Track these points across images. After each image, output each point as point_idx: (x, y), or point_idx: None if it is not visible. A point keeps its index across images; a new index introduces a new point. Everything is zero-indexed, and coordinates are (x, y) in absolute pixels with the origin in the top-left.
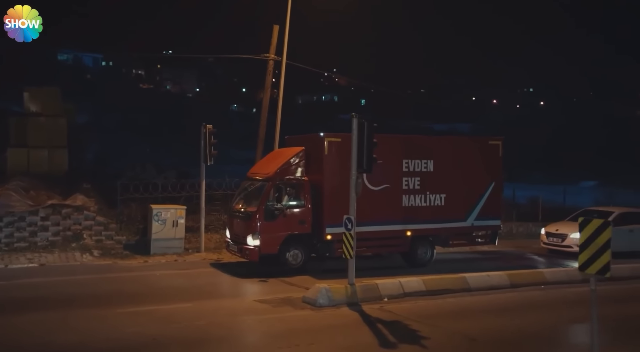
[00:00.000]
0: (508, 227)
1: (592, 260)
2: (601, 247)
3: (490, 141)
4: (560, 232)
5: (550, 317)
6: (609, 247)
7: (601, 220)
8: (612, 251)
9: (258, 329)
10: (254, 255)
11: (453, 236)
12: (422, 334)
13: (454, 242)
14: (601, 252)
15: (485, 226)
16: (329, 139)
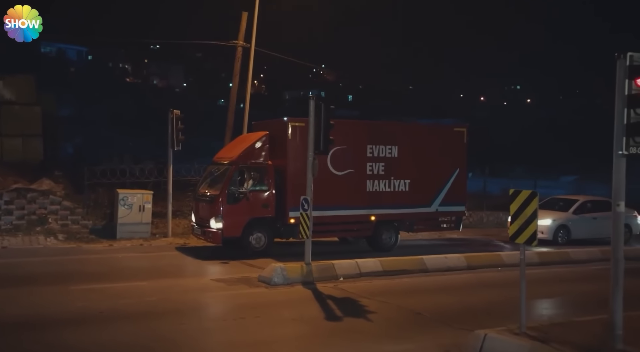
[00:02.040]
0: (479, 216)
1: (521, 230)
2: (529, 217)
3: (455, 128)
4: None
5: (499, 295)
6: (536, 217)
7: (529, 191)
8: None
9: (208, 304)
10: (216, 238)
11: (418, 221)
12: (369, 309)
13: (418, 227)
14: (529, 222)
15: (449, 211)
16: (293, 123)
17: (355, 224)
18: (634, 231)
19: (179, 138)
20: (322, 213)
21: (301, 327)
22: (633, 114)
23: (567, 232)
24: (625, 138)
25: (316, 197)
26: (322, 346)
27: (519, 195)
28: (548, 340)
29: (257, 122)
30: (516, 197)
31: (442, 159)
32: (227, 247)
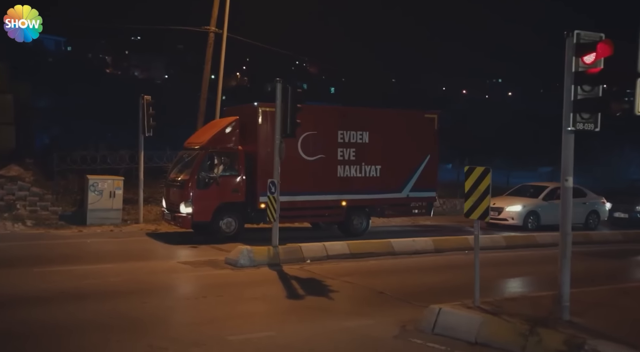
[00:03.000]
0: (452, 203)
1: (475, 206)
2: (482, 193)
3: (426, 115)
4: (497, 205)
5: (463, 275)
6: (489, 193)
7: (483, 168)
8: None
9: (172, 284)
10: (186, 223)
11: (389, 207)
12: (332, 288)
13: (389, 212)
14: (482, 198)
15: (420, 197)
16: (263, 108)
17: (327, 210)
18: (602, 217)
19: (150, 124)
20: (293, 198)
21: (262, 305)
22: (580, 90)
23: (537, 218)
24: (572, 114)
25: (287, 182)
26: (280, 322)
27: (473, 172)
28: (499, 313)
29: (229, 108)
30: (470, 174)
31: (413, 145)
32: (198, 233)
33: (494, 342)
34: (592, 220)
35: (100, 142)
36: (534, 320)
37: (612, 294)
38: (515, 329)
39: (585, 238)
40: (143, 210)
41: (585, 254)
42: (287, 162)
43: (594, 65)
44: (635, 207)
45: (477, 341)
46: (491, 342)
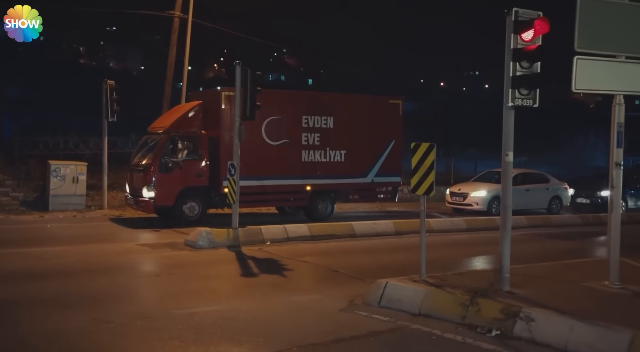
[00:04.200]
0: None
1: (421, 182)
2: (427, 169)
3: (391, 100)
4: (462, 191)
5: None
6: (433, 168)
7: (428, 143)
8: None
9: (125, 264)
10: (148, 207)
11: (354, 192)
12: (288, 267)
13: (354, 197)
14: (427, 173)
15: (385, 182)
16: (226, 92)
17: (291, 194)
18: (564, 202)
19: (113, 109)
20: (258, 183)
21: (214, 283)
22: (518, 67)
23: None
24: (511, 90)
25: (251, 166)
26: (229, 297)
27: (419, 148)
28: (443, 285)
29: (193, 93)
30: (417, 150)
31: (377, 130)
32: (162, 218)
33: (436, 312)
34: (554, 205)
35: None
36: (474, 291)
37: (555, 269)
38: (456, 300)
39: (545, 221)
40: (108, 196)
41: (542, 236)
42: (251, 146)
43: (532, 43)
44: (596, 193)
45: (421, 312)
46: (433, 313)
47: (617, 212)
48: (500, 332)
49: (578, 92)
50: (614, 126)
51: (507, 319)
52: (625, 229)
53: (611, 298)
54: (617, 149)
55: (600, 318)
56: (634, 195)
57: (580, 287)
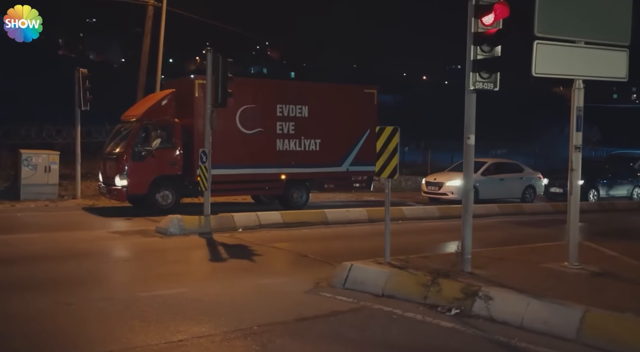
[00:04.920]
0: (397, 180)
1: (385, 165)
2: (391, 152)
3: (366, 90)
4: (438, 180)
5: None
6: (397, 152)
7: (392, 127)
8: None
9: (94, 250)
10: (121, 195)
11: (329, 181)
12: (257, 252)
13: (329, 186)
14: (391, 157)
15: (360, 171)
16: (199, 80)
17: (266, 183)
18: (538, 192)
19: (86, 97)
20: (232, 171)
21: (182, 267)
22: (479, 51)
23: (476, 192)
24: (472, 74)
25: (226, 155)
26: (195, 281)
27: (384, 131)
28: (407, 267)
29: (167, 82)
30: (381, 134)
31: (352, 120)
32: (136, 207)
33: (399, 293)
34: (528, 194)
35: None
36: (437, 272)
37: (519, 252)
38: (419, 281)
39: (517, 209)
40: (81, 186)
41: (513, 223)
42: (226, 135)
43: (493, 27)
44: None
45: (384, 293)
46: (396, 293)
47: (576, 195)
48: (459, 311)
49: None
50: (573, 110)
51: (467, 298)
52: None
53: (568, 278)
54: (577, 133)
55: (556, 296)
56: (605, 185)
57: (540, 268)
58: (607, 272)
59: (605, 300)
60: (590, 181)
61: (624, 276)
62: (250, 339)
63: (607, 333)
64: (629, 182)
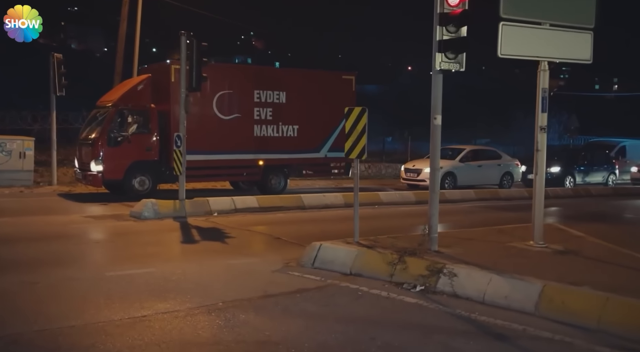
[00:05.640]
0: (377, 168)
1: (354, 146)
2: (360, 132)
3: (344, 76)
4: (416, 167)
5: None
6: (365, 132)
7: (360, 107)
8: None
9: (66, 233)
10: (97, 181)
11: (307, 167)
12: (230, 235)
13: (307, 173)
14: (360, 137)
15: (338, 157)
16: (176, 66)
17: (244, 169)
18: (515, 178)
19: (62, 83)
20: (210, 157)
21: (153, 249)
22: (445, 31)
23: (454, 179)
24: (438, 54)
25: (203, 141)
26: (164, 261)
27: (352, 112)
28: (374, 246)
29: (143, 67)
30: (350, 114)
31: (330, 106)
32: (113, 193)
33: (366, 272)
34: (506, 181)
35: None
36: (403, 251)
37: (487, 232)
38: (385, 259)
39: (493, 194)
40: (58, 172)
41: (488, 208)
42: (203, 121)
43: (458, 7)
44: (546, 169)
45: (352, 272)
46: (363, 272)
47: (541, 175)
48: (424, 287)
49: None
50: (539, 92)
51: (432, 276)
52: (570, 201)
53: (532, 255)
54: (542, 114)
55: (518, 273)
56: (582, 171)
57: (505, 247)
58: (570, 251)
59: (565, 275)
60: (567, 168)
61: (585, 253)
62: (214, 314)
63: (564, 306)
64: (605, 169)
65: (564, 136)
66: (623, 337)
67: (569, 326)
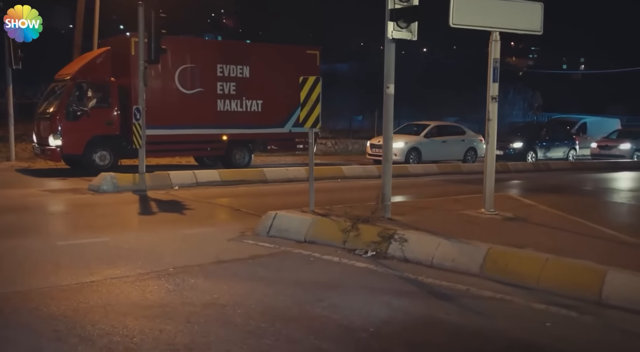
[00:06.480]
0: (344, 144)
1: (309, 115)
2: (314, 102)
3: (308, 51)
4: (382, 143)
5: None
6: (319, 101)
7: (314, 77)
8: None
9: (20, 206)
10: (55, 155)
11: (271, 142)
12: (189, 207)
13: (272, 148)
14: (314, 106)
15: (303, 132)
16: (136, 38)
17: (208, 144)
18: (479, 154)
19: (17, 56)
20: (173, 132)
21: (109, 220)
22: (397, 0)
23: (418, 154)
24: (390, 23)
25: (165, 115)
26: (119, 231)
27: (307, 82)
28: (329, 215)
29: (103, 40)
30: (304, 84)
31: (295, 81)
32: (73, 168)
33: (320, 239)
34: (469, 156)
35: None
36: (357, 218)
37: (443, 202)
38: (339, 227)
39: (455, 168)
40: (16, 148)
41: (449, 181)
42: (165, 95)
43: None
44: (509, 145)
45: (306, 239)
46: (317, 239)
47: (492, 145)
48: (375, 253)
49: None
50: (490, 62)
51: (383, 242)
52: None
53: (482, 222)
54: (493, 84)
55: (466, 237)
56: (543, 147)
57: (458, 214)
58: (519, 217)
59: (511, 239)
60: (529, 144)
61: (533, 220)
62: (164, 279)
63: (506, 267)
64: (565, 145)
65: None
66: (559, 294)
67: (510, 286)
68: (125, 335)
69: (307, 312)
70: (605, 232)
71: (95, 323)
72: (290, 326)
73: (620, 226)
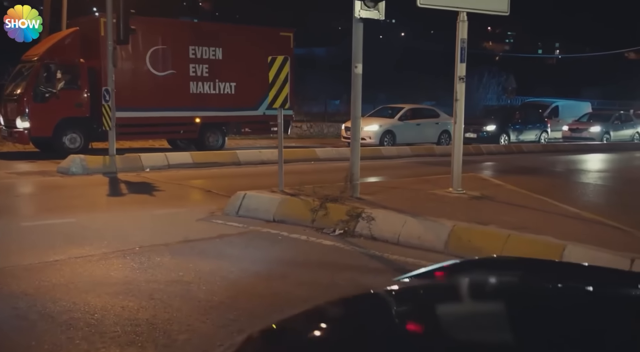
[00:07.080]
0: (319, 127)
1: (277, 95)
2: (282, 81)
3: (282, 33)
4: None
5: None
6: (288, 81)
7: (283, 56)
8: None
9: None
10: (23, 138)
11: (245, 124)
12: (159, 189)
13: (246, 130)
14: (282, 86)
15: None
16: (105, 19)
17: (181, 126)
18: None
19: None
20: (144, 114)
21: (76, 202)
22: None
23: (393, 137)
24: (357, 2)
25: (136, 97)
26: (87, 212)
27: (275, 62)
28: (298, 194)
29: (72, 20)
30: (273, 64)
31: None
32: (43, 150)
33: (289, 218)
34: (443, 139)
35: None
36: (326, 198)
37: (412, 181)
38: (308, 206)
39: (428, 151)
40: None
41: (422, 163)
42: (136, 77)
43: None
44: (482, 128)
45: (275, 219)
46: (286, 218)
47: (460, 125)
48: (343, 231)
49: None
50: (458, 42)
51: (351, 220)
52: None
53: (449, 201)
54: (460, 64)
55: (433, 215)
56: (516, 129)
57: (426, 193)
58: (485, 196)
59: (476, 217)
60: (502, 126)
61: (499, 198)
62: (129, 258)
63: (470, 243)
64: (537, 128)
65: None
66: None
67: None
68: (86, 312)
69: (272, 288)
70: (569, 210)
71: (56, 301)
72: (253, 302)
73: (584, 205)
